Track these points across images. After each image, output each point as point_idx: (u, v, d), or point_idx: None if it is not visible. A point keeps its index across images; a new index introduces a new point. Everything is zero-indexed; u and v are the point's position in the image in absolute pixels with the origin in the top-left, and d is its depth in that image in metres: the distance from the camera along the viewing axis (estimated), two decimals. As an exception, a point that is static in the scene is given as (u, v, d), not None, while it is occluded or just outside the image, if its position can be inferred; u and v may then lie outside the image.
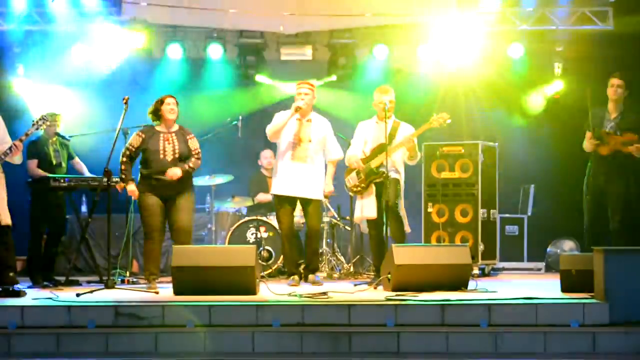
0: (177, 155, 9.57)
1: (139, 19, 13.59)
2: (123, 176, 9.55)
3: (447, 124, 9.70)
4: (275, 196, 9.94)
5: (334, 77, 14.21)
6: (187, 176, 9.62)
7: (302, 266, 10.04)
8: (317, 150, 9.85)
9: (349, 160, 9.93)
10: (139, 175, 9.66)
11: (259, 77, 14.14)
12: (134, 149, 9.56)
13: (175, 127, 9.77)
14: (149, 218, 9.52)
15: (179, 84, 13.87)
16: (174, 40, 13.94)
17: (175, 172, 9.43)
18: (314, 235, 9.91)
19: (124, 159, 9.56)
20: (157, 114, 9.72)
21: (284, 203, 9.84)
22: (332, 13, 13.37)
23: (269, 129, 9.84)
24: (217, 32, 14.03)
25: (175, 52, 13.92)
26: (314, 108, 10.07)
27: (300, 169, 9.76)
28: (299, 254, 10.32)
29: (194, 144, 9.77)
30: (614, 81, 9.89)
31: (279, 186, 9.84)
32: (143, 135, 9.62)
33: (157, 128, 9.71)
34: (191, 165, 9.61)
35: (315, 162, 9.81)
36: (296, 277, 9.77)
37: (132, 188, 9.54)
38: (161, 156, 9.52)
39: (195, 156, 9.70)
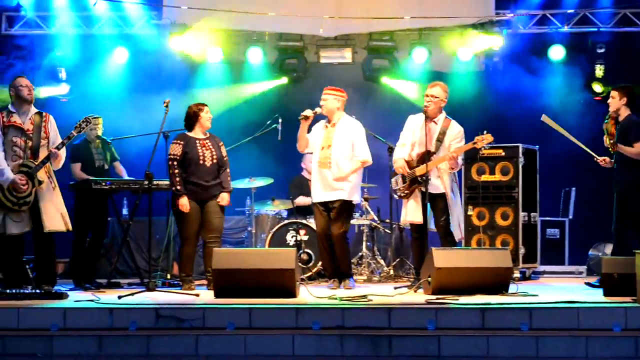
0: (215, 160, 9.80)
1: (179, 23, 13.68)
2: (179, 187, 9.70)
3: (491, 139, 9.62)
4: (312, 203, 10.01)
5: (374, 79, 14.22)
6: (219, 183, 9.91)
7: None
8: (342, 155, 9.78)
9: (395, 163, 9.88)
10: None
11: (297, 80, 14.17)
12: (179, 157, 9.75)
13: (207, 134, 10.00)
14: (188, 223, 9.70)
15: (219, 87, 13.93)
16: (214, 44, 14.00)
17: (227, 200, 9.91)
18: (335, 241, 9.85)
19: (176, 171, 9.75)
20: (194, 121, 9.92)
21: (317, 208, 9.88)
22: (371, 16, 13.38)
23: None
24: (256, 36, 14.07)
25: (215, 55, 13.98)
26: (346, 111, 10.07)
27: (323, 174, 9.78)
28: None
29: (224, 150, 10.05)
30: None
31: (313, 193, 9.91)
32: (182, 142, 9.80)
33: (191, 134, 9.91)
34: (230, 187, 10.02)
35: (338, 167, 9.77)
36: (336, 279, 9.77)
37: (185, 202, 9.68)
38: (201, 161, 9.75)
39: (227, 163, 10.01)
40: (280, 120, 12.01)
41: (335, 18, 13.28)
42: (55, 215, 8.88)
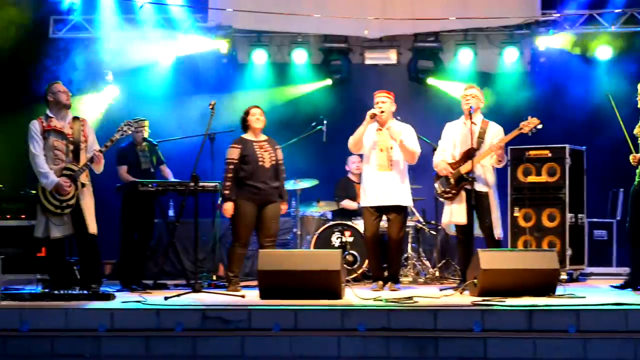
0: (273, 162, 9.89)
1: (225, 25, 13.74)
2: (227, 192, 9.77)
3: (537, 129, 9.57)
4: (362, 207, 10.00)
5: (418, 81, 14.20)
6: (277, 187, 9.97)
7: (387, 272, 10.03)
8: (398, 157, 9.82)
9: (437, 167, 9.85)
10: (236, 182, 9.85)
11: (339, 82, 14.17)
12: (236, 161, 9.81)
13: (264, 137, 10.06)
14: (242, 225, 9.77)
15: (264, 89, 13.97)
16: (259, 45, 14.06)
17: (284, 210, 10.11)
18: (392, 244, 9.86)
19: (229, 175, 9.82)
20: (244, 124, 10.01)
21: (368, 211, 9.86)
22: (416, 17, 13.35)
23: (350, 140, 9.88)
24: (301, 37, 14.10)
25: (260, 57, 14.03)
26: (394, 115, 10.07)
27: (382, 177, 9.76)
28: (384, 259, 10.29)
29: (280, 154, 10.09)
30: None
31: (365, 197, 9.89)
32: (239, 146, 9.88)
33: (247, 137, 9.98)
34: (286, 197, 10.20)
35: (397, 169, 9.77)
36: (380, 282, 9.76)
37: (228, 207, 9.76)
38: (260, 163, 9.81)
39: (282, 167, 10.05)
40: (325, 122, 12.02)
41: (381, 19, 13.26)
42: (93, 218, 8.96)
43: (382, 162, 9.76)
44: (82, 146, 8.98)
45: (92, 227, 8.89)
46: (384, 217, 9.92)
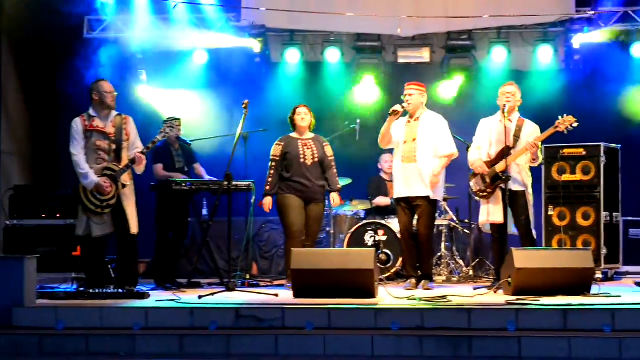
0: (316, 160, 10.00)
1: (258, 24, 13.76)
2: (267, 187, 9.96)
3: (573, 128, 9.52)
4: (394, 199, 10.01)
5: (452, 79, 14.15)
6: (322, 186, 10.07)
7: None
8: (426, 149, 9.78)
9: (473, 165, 9.82)
10: (280, 178, 10.01)
11: (372, 80, 14.13)
12: (277, 158, 10.02)
13: (311, 135, 10.21)
14: (290, 218, 9.88)
15: (297, 88, 13.98)
16: (292, 44, 14.06)
17: (338, 200, 10.25)
18: (421, 239, 9.86)
19: (272, 172, 10.04)
20: (292, 123, 10.18)
21: (400, 205, 9.87)
22: (449, 15, 13.30)
23: (379, 137, 9.94)
24: (334, 36, 14.09)
25: (293, 56, 14.04)
26: (428, 107, 10.07)
27: (408, 169, 9.78)
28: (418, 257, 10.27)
29: (329, 150, 10.23)
30: None
31: (395, 189, 9.92)
32: (282, 143, 10.07)
33: (293, 135, 10.18)
34: (338, 186, 10.24)
35: (423, 161, 9.77)
36: (413, 280, 9.74)
37: (268, 202, 9.95)
38: (302, 160, 9.95)
39: (332, 163, 10.18)
40: (358, 121, 12.00)
41: (413, 18, 13.22)
42: (135, 217, 9.01)
43: (407, 154, 9.80)
44: (124, 145, 9.03)
45: (134, 227, 8.95)
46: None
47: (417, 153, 9.75)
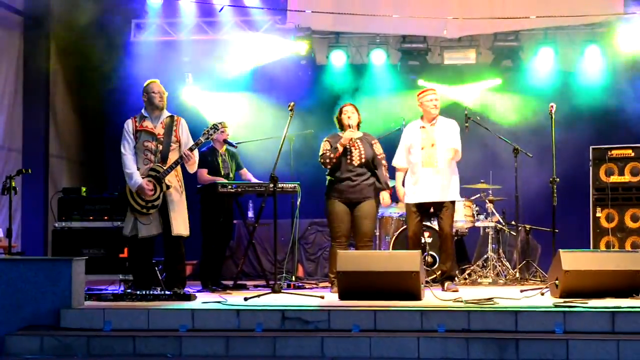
0: (363, 160, 9.79)
1: (303, 26, 13.79)
2: (332, 155, 9.73)
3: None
4: (407, 204, 10.03)
5: (498, 81, 14.08)
6: (371, 185, 9.87)
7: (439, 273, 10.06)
8: (446, 154, 9.81)
9: None
10: (327, 181, 9.88)
11: (422, 82, 14.09)
12: (328, 152, 9.78)
13: (359, 133, 10.00)
14: (336, 224, 9.77)
15: (343, 90, 13.98)
16: (338, 46, 14.07)
17: (387, 200, 10.03)
18: (447, 239, 9.92)
19: (327, 161, 9.77)
20: (339, 122, 10.00)
21: (411, 210, 9.93)
22: (495, 16, 13.24)
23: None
24: (379, 38, 14.08)
25: (338, 58, 14.04)
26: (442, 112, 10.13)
27: (430, 173, 9.80)
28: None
29: (379, 148, 10.03)
30: None
31: (411, 194, 9.94)
32: (330, 141, 9.90)
33: (340, 133, 9.95)
34: (387, 185, 9.99)
35: (444, 166, 9.79)
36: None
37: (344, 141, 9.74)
38: (348, 160, 9.76)
39: (382, 161, 9.98)
40: (404, 122, 11.98)
41: (460, 19, 13.17)
42: (183, 219, 9.03)
43: (428, 159, 9.83)
44: (173, 147, 9.02)
45: (177, 228, 8.94)
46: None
47: (437, 158, 9.78)
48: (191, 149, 8.94)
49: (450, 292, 9.36)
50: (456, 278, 10.46)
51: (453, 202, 9.93)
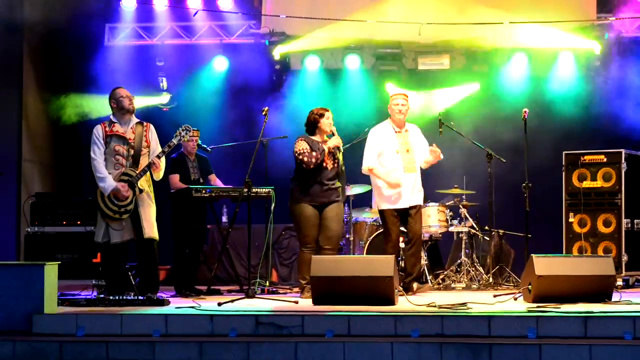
0: (336, 165, 9.71)
1: (278, 31, 13.79)
2: (319, 155, 9.52)
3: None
4: (387, 209, 10.06)
5: (477, 85, 14.13)
6: (338, 187, 9.78)
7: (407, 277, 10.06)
8: (419, 158, 10.04)
9: None
10: (295, 185, 9.67)
11: (391, 86, 14.10)
12: (308, 151, 9.54)
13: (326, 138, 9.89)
14: (307, 229, 9.62)
15: (317, 95, 13.98)
16: (312, 51, 14.07)
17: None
18: (418, 241, 10.09)
19: (312, 160, 9.50)
20: (314, 125, 9.74)
21: (392, 215, 10.02)
22: (469, 21, 13.29)
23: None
24: (354, 43, 14.10)
25: (313, 63, 14.05)
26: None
27: (411, 178, 9.96)
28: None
29: (341, 156, 9.91)
30: None
31: (394, 200, 9.99)
32: (308, 141, 9.64)
33: (314, 138, 9.74)
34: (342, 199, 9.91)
35: (418, 170, 10.03)
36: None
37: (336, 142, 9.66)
38: (324, 164, 9.60)
39: (343, 173, 9.85)
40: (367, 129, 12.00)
41: (434, 24, 13.20)
42: (154, 223, 9.02)
43: (408, 164, 9.98)
44: (144, 152, 9.05)
45: (149, 232, 8.94)
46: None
47: (416, 163, 9.99)
48: (164, 152, 8.95)
49: (424, 292, 9.40)
50: (429, 282, 10.50)
51: (421, 206, 10.12)
